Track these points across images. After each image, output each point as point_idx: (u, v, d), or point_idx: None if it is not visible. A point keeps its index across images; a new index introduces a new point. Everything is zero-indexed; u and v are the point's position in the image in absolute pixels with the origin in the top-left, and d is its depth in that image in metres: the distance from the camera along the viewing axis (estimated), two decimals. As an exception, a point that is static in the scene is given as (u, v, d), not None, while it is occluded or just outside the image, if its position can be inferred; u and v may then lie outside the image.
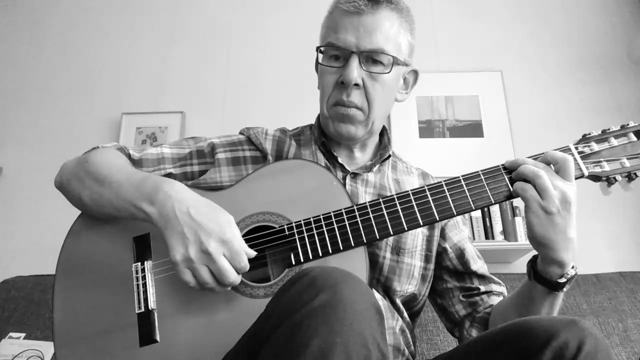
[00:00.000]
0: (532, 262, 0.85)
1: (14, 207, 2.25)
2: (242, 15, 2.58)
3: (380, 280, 0.94)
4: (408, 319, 0.98)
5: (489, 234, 1.97)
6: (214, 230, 0.75)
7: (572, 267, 0.80)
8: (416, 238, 0.99)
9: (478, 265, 1.03)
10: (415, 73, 1.05)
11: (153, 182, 0.82)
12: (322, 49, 0.98)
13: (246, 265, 0.76)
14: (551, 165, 0.81)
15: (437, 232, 1.03)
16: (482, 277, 1.02)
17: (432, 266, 1.01)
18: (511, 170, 0.83)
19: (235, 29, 2.56)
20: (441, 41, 2.47)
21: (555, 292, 0.81)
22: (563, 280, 0.80)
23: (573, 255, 0.79)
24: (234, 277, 0.75)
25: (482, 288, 1.01)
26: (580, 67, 2.37)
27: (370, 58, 0.93)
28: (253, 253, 0.78)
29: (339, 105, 0.96)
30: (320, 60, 0.98)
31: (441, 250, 1.03)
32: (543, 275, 0.81)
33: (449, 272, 1.04)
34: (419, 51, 1.05)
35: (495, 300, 1.00)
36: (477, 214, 2.00)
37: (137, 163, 0.97)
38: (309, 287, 0.60)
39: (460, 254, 1.03)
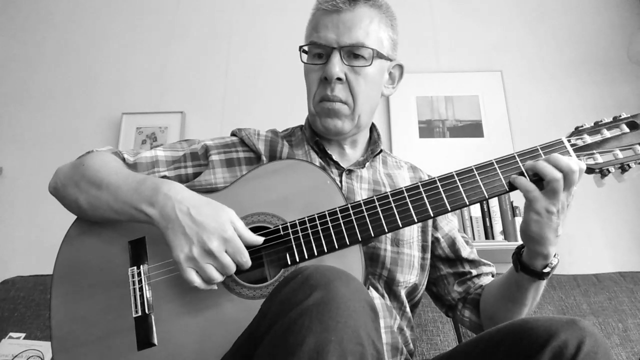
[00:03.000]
0: (517, 255, 0.89)
1: (14, 207, 2.26)
2: (242, 16, 2.58)
3: (383, 274, 0.95)
4: (410, 313, 0.99)
5: (489, 234, 1.96)
6: (215, 229, 0.76)
7: (555, 256, 0.86)
8: (412, 229, 1.01)
9: (468, 251, 1.07)
10: (401, 67, 1.07)
11: (152, 183, 0.83)
12: (305, 48, 1.01)
13: (248, 261, 0.78)
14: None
15: (430, 223, 1.06)
16: (472, 262, 1.07)
17: (428, 255, 1.04)
18: (505, 165, 0.84)
19: (235, 29, 2.56)
20: (441, 41, 2.47)
21: (540, 280, 0.87)
22: (547, 269, 0.86)
23: (556, 249, 0.85)
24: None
25: (474, 272, 1.05)
26: (580, 67, 2.36)
27: (352, 53, 0.96)
28: (260, 240, 0.80)
29: (324, 100, 0.98)
30: (304, 60, 1.01)
31: (434, 240, 1.07)
32: (529, 266, 0.86)
33: (441, 260, 1.07)
34: (419, 51, 1.06)
35: (485, 280, 1.05)
36: (477, 213, 1.99)
37: (131, 167, 0.97)
38: (303, 285, 0.60)
39: (452, 243, 1.07)
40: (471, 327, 1.05)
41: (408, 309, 0.99)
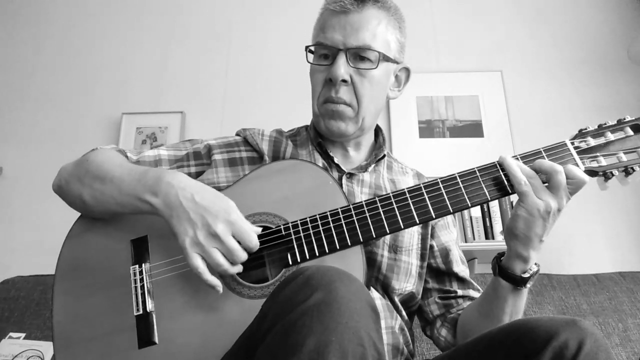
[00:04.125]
0: (497, 259, 0.87)
1: (14, 207, 2.25)
2: (242, 16, 2.58)
3: (379, 278, 0.94)
4: (407, 317, 0.98)
5: (489, 234, 1.96)
6: (219, 213, 0.76)
7: (535, 264, 0.83)
8: (412, 237, 0.99)
9: (460, 268, 1.04)
10: (407, 70, 1.07)
11: (154, 173, 0.83)
12: (311, 48, 1.00)
13: (256, 244, 0.78)
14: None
15: (429, 230, 1.04)
16: (461, 281, 1.04)
17: (426, 264, 1.02)
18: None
19: (235, 29, 2.56)
20: (441, 41, 2.47)
21: (518, 287, 0.84)
22: (526, 275, 0.82)
23: (537, 255, 0.82)
24: (245, 256, 0.77)
25: (460, 292, 1.02)
26: (580, 67, 2.36)
27: (358, 55, 0.95)
28: (258, 230, 0.80)
29: (328, 102, 0.97)
30: (310, 60, 1.00)
31: (429, 247, 1.04)
32: (507, 270, 0.83)
33: (431, 271, 1.04)
34: (419, 51, 1.06)
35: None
36: (477, 213, 1.99)
37: None
38: (304, 286, 0.60)
39: (446, 254, 1.04)
40: (445, 348, 1.00)
41: (404, 313, 0.98)
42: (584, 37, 2.41)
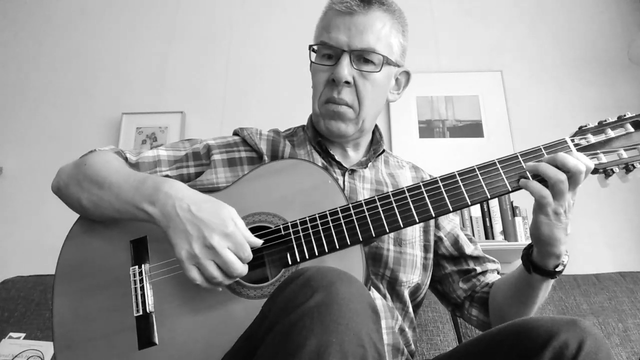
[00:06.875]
0: (528, 255, 0.88)
1: (14, 207, 2.25)
2: (242, 15, 2.58)
3: (386, 274, 0.95)
4: (412, 313, 0.99)
5: (489, 234, 1.96)
6: (216, 225, 0.75)
7: (565, 253, 0.85)
8: (414, 229, 1.01)
9: (471, 249, 1.07)
10: (407, 74, 1.07)
11: (152, 182, 0.83)
12: (315, 47, 1.00)
13: (250, 255, 0.77)
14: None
15: (432, 223, 1.06)
16: (476, 259, 1.07)
17: (431, 255, 1.04)
18: (508, 165, 0.83)
19: (235, 29, 2.56)
20: (441, 41, 2.47)
21: (552, 278, 0.87)
22: (560, 268, 0.85)
23: (565, 246, 0.84)
24: (241, 268, 0.76)
25: (478, 269, 1.05)
26: (580, 67, 2.36)
27: (362, 57, 0.95)
28: (259, 242, 0.79)
29: (330, 102, 0.97)
30: (313, 59, 1.00)
31: (437, 239, 1.07)
32: (541, 267, 0.85)
33: (445, 259, 1.07)
34: (419, 51, 1.06)
35: (490, 277, 1.04)
36: (477, 213, 1.99)
37: (134, 166, 0.97)
38: (304, 287, 0.60)
39: (455, 241, 1.07)
40: (479, 326, 1.04)
41: (411, 309, 0.98)
42: (584, 37, 2.41)
